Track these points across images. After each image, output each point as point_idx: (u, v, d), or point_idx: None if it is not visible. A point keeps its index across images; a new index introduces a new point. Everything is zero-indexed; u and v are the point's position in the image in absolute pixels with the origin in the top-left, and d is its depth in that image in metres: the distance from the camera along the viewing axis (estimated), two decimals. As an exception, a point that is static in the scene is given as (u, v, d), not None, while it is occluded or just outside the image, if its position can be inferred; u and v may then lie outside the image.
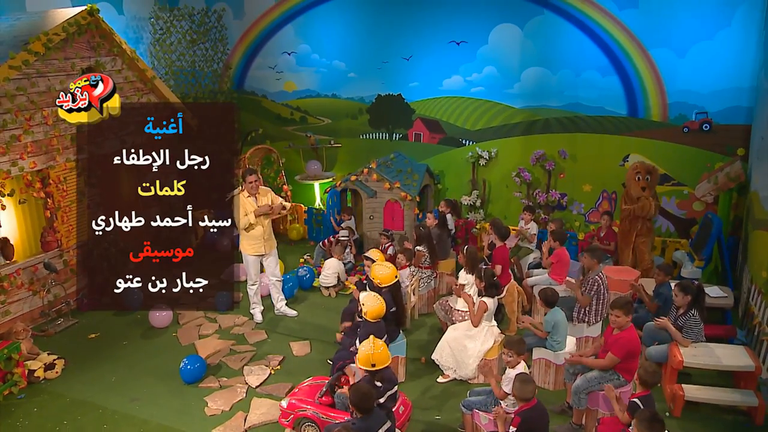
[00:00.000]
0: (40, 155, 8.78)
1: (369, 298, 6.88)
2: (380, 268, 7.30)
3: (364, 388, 5.21)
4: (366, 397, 5.11)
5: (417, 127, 12.11)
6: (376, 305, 6.80)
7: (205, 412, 6.92)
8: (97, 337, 8.70)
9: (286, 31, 12.66)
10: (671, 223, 10.48)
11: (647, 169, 9.19)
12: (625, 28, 10.03)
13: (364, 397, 5.09)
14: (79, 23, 8.95)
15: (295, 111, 13.14)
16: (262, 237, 8.67)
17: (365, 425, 5.14)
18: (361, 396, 5.09)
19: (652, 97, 10.15)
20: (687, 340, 7.05)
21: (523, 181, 11.15)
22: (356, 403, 5.09)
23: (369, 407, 5.11)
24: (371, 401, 5.14)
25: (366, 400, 5.09)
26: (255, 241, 8.64)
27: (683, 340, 7.04)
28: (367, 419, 5.17)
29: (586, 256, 7.70)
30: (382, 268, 7.30)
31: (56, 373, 7.73)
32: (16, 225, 9.09)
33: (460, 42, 11.23)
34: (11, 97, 8.27)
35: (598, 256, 7.62)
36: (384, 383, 5.59)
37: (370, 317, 6.81)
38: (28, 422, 6.83)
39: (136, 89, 10.17)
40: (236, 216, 8.55)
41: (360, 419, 5.16)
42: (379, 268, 7.32)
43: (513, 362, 5.90)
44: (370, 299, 6.87)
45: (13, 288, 8.62)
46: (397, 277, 7.39)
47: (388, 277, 7.24)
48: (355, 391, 5.15)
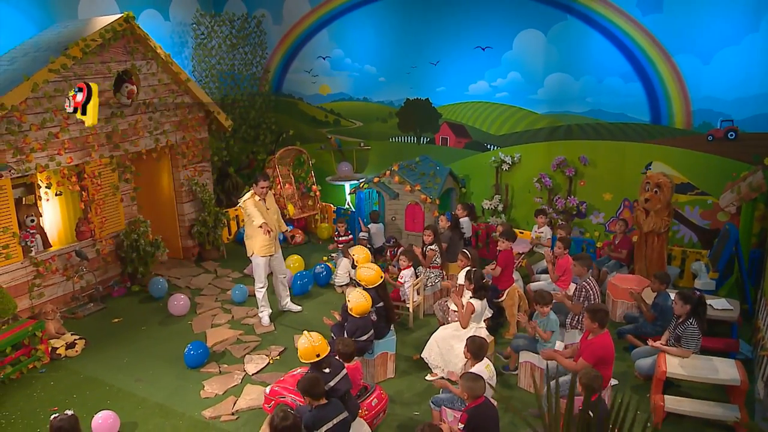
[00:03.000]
0: (77, 151, 9.42)
1: (354, 295, 7.17)
2: (365, 271, 7.58)
3: (310, 376, 5.46)
4: (314, 383, 5.36)
5: (443, 131, 12.26)
6: (361, 301, 7.09)
7: (200, 395, 7.32)
8: (119, 322, 9.27)
9: (321, 36, 13.06)
10: (694, 233, 10.23)
11: (657, 181, 8.98)
12: (648, 33, 9.89)
13: (311, 382, 5.35)
14: (116, 29, 9.54)
15: (329, 114, 13.51)
16: (270, 238, 8.97)
17: (320, 414, 5.38)
18: (308, 382, 5.35)
19: (675, 104, 9.96)
20: (688, 350, 6.91)
21: (544, 186, 11.13)
22: (307, 389, 5.34)
23: (320, 392, 5.36)
24: (320, 386, 5.39)
25: (315, 385, 5.34)
26: (266, 243, 8.89)
27: (684, 351, 6.91)
28: (323, 408, 5.41)
29: (575, 264, 7.73)
30: (367, 270, 7.57)
31: (76, 352, 8.33)
32: (54, 215, 9.82)
33: (486, 47, 11.32)
34: (50, 97, 8.91)
35: (586, 263, 7.65)
36: (331, 368, 5.85)
37: (355, 313, 7.11)
38: (43, 394, 7.42)
39: (171, 91, 10.74)
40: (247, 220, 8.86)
41: (316, 408, 5.41)
42: (364, 270, 7.58)
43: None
44: (355, 296, 7.16)
45: (48, 273, 9.29)
46: (382, 277, 7.62)
47: (372, 278, 7.51)
48: (303, 380, 5.41)
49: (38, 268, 9.09)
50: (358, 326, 7.20)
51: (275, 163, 12.30)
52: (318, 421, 5.34)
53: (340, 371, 5.93)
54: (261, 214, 8.64)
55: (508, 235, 8.70)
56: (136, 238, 10.10)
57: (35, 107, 8.70)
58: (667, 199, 8.94)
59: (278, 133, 13.82)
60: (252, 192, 8.82)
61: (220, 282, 10.63)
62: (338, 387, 5.77)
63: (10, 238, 8.61)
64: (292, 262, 10.76)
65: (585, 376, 5.50)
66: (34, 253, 9.07)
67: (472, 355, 6.27)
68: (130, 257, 10.12)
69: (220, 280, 10.75)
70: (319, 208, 12.87)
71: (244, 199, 8.77)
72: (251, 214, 8.63)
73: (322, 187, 13.22)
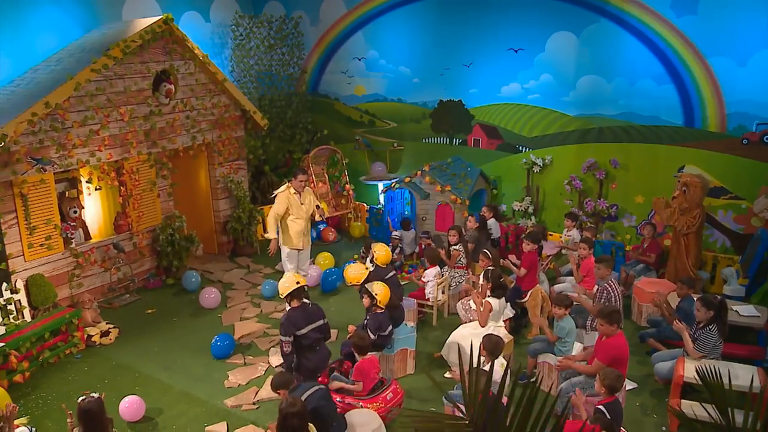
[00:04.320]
0: (116, 148, 9.80)
1: (377, 287, 7.44)
2: (377, 287, 7.56)
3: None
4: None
5: (476, 132, 12.31)
6: (385, 290, 7.44)
7: (224, 384, 7.59)
8: (152, 313, 9.62)
9: (356, 38, 13.26)
10: (727, 238, 10.06)
11: (685, 180, 8.91)
12: (682, 35, 9.78)
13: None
14: (155, 31, 9.90)
15: (364, 114, 13.70)
16: (302, 233, 9.21)
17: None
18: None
19: (709, 106, 9.82)
20: (696, 352, 6.88)
21: (574, 189, 11.09)
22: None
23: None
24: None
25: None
26: (296, 236, 9.18)
27: (693, 351, 6.88)
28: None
29: (598, 267, 7.73)
30: (380, 288, 7.57)
31: (110, 340, 8.70)
32: (95, 209, 10.23)
33: (518, 49, 11.34)
34: (92, 96, 9.32)
35: (609, 265, 7.65)
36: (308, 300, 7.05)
37: (382, 303, 7.40)
38: (77, 378, 7.81)
39: (208, 90, 11.07)
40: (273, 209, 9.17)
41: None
42: (377, 287, 7.58)
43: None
44: (378, 287, 7.43)
45: (87, 264, 9.71)
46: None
47: (385, 295, 7.54)
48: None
49: (78, 259, 9.50)
50: (380, 322, 7.35)
51: (309, 162, 12.54)
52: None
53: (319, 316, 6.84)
54: (294, 208, 8.99)
55: (531, 236, 8.73)
56: (172, 233, 10.45)
57: (78, 105, 9.11)
58: (695, 200, 8.83)
59: (313, 133, 14.08)
60: (288, 185, 9.09)
61: (251, 277, 10.91)
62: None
63: (53, 230, 9.04)
64: (323, 259, 10.98)
65: (608, 377, 5.53)
66: (74, 245, 9.47)
67: (487, 353, 6.32)
68: (165, 251, 10.47)
69: (251, 275, 11.03)
70: (351, 207, 13.07)
71: (279, 191, 9.10)
72: (275, 210, 9.00)
73: (356, 186, 13.41)
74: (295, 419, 5.03)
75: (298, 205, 9.10)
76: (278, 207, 9.04)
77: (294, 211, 9.09)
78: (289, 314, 6.69)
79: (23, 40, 9.94)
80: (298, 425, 5.11)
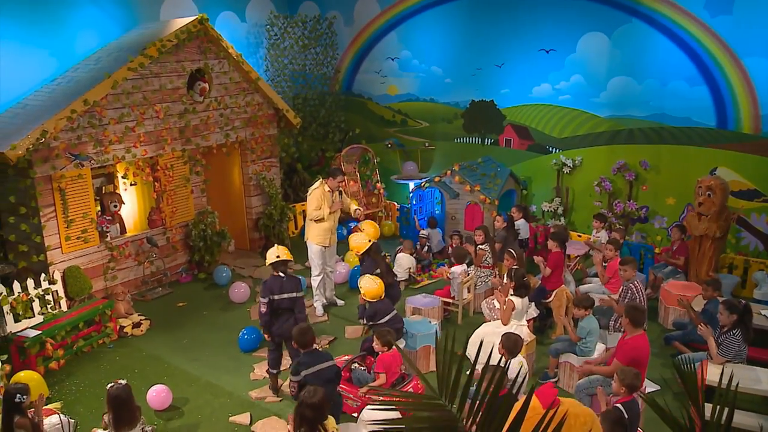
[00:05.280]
0: (151, 144, 10.08)
1: (365, 281, 7.71)
2: (366, 282, 7.80)
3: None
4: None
5: (507, 132, 12.31)
6: (372, 287, 7.65)
7: (249, 377, 7.78)
8: (183, 306, 9.87)
9: (390, 38, 13.37)
10: (760, 241, 9.89)
11: (709, 184, 8.80)
12: (716, 36, 9.65)
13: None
14: (190, 30, 10.15)
15: (396, 114, 13.80)
16: (330, 230, 9.33)
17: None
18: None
19: (743, 108, 9.67)
20: (720, 357, 6.82)
21: (604, 190, 11.01)
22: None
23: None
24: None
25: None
26: (324, 233, 9.30)
27: (716, 356, 6.82)
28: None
29: (623, 268, 7.71)
30: (369, 282, 7.78)
31: (141, 331, 8.98)
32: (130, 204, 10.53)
33: (550, 50, 11.32)
34: (128, 94, 9.62)
35: (633, 267, 7.60)
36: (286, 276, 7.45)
37: (369, 298, 7.61)
38: (109, 367, 8.10)
39: (241, 89, 11.30)
40: (309, 207, 9.31)
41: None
42: (364, 281, 7.82)
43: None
44: (366, 281, 7.70)
45: (122, 257, 10.01)
46: (370, 241, 8.63)
47: (375, 292, 7.72)
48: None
49: (112, 252, 9.80)
50: (377, 310, 7.60)
51: (341, 161, 12.70)
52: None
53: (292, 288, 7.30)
54: (319, 205, 9.11)
55: (556, 236, 8.72)
56: (204, 228, 10.70)
57: (114, 103, 9.42)
58: (721, 202, 8.72)
59: (346, 132, 14.24)
60: (322, 181, 9.27)
61: (281, 273, 11.08)
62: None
63: (89, 223, 9.35)
64: (351, 256, 11.10)
65: (627, 376, 5.53)
66: (109, 239, 9.78)
67: (507, 351, 6.37)
68: (197, 246, 10.72)
69: (281, 271, 11.19)
70: (382, 206, 13.19)
71: (313, 188, 9.28)
72: (312, 207, 9.18)
73: (387, 185, 13.52)
74: (309, 410, 5.12)
75: (331, 204, 9.23)
76: (314, 204, 9.16)
77: (326, 209, 9.22)
78: (268, 280, 7.38)
79: (65, 40, 10.29)
80: (316, 416, 5.20)
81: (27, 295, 8.16)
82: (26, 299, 8.13)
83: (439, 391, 3.05)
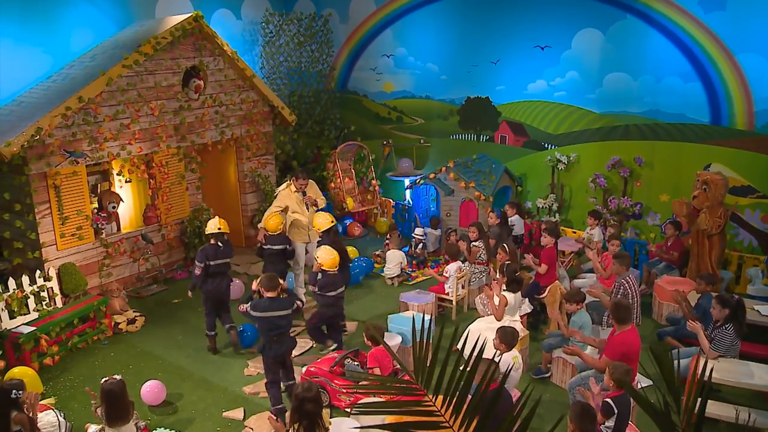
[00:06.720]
0: (146, 141, 10.10)
1: (323, 250, 7.93)
2: (323, 251, 8.01)
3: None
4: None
5: (503, 129, 12.33)
6: (331, 257, 7.85)
7: (243, 373, 7.81)
8: (178, 303, 9.88)
9: (385, 35, 13.39)
10: (754, 237, 9.92)
11: (705, 178, 8.82)
12: (710, 32, 9.67)
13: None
14: (185, 28, 10.16)
15: (392, 111, 13.81)
16: (306, 227, 9.33)
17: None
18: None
19: (737, 104, 9.70)
20: (713, 351, 6.84)
21: (599, 186, 11.04)
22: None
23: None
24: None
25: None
26: (301, 230, 9.33)
27: (709, 351, 6.84)
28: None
29: (614, 263, 7.73)
30: (326, 251, 7.98)
31: (136, 328, 9.00)
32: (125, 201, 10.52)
33: (545, 47, 11.33)
34: (123, 91, 9.63)
35: (625, 262, 7.63)
36: (224, 246, 8.42)
37: (326, 266, 7.82)
38: (103, 363, 8.13)
39: (237, 86, 11.31)
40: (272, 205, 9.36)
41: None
42: (322, 251, 8.03)
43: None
44: (323, 251, 7.92)
45: (117, 254, 10.02)
46: (332, 222, 8.81)
47: (331, 261, 7.90)
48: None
49: (108, 249, 9.82)
50: (328, 281, 7.82)
51: (336, 158, 12.71)
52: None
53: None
54: (294, 204, 9.17)
55: (551, 230, 8.73)
56: (199, 225, 10.70)
57: (109, 100, 9.43)
58: (717, 198, 8.73)
59: (341, 129, 14.25)
60: (289, 183, 9.31)
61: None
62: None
63: (84, 220, 9.36)
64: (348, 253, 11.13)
65: (616, 371, 5.53)
66: (105, 235, 9.79)
67: (504, 344, 6.36)
68: (193, 243, 10.74)
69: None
70: (378, 203, 13.21)
71: (280, 189, 9.37)
72: (274, 205, 9.26)
73: (382, 182, 13.54)
74: (310, 404, 5.13)
75: (299, 201, 9.24)
76: (277, 202, 9.25)
77: (295, 207, 9.23)
78: (205, 247, 8.32)
79: (60, 37, 10.29)
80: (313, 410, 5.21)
81: (22, 292, 8.18)
82: (21, 296, 8.15)
83: (416, 375, 3.12)
